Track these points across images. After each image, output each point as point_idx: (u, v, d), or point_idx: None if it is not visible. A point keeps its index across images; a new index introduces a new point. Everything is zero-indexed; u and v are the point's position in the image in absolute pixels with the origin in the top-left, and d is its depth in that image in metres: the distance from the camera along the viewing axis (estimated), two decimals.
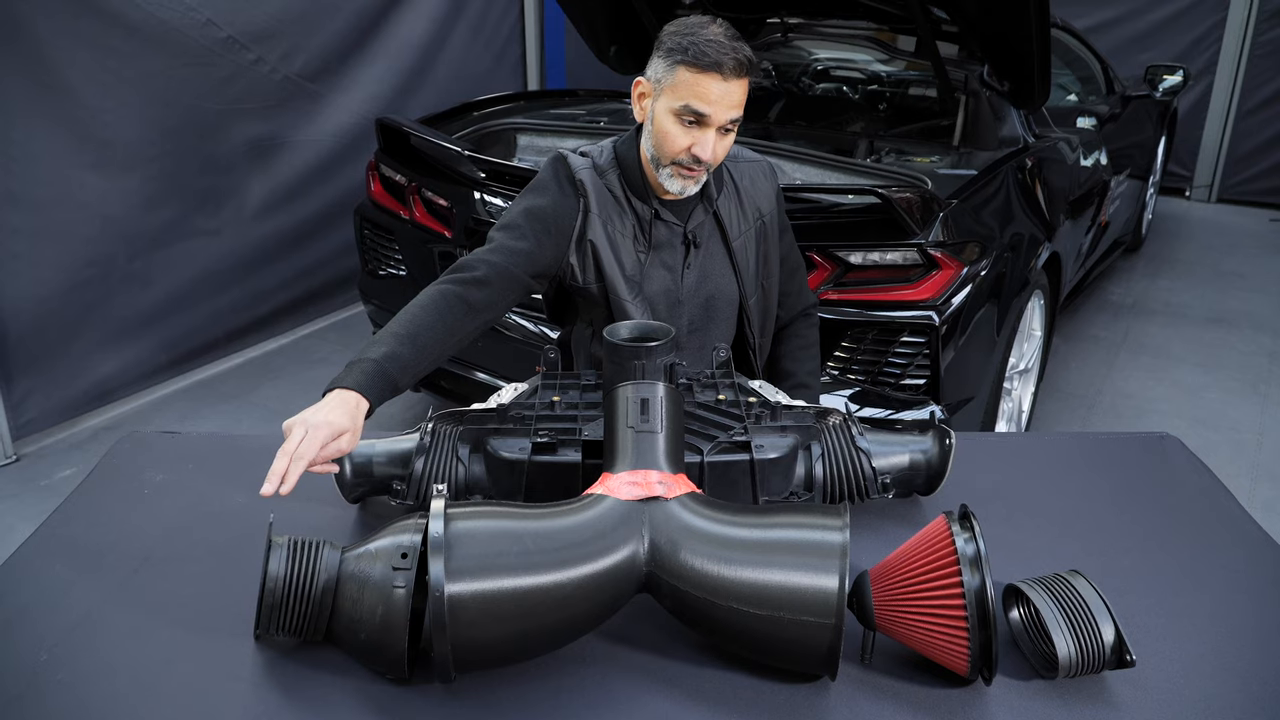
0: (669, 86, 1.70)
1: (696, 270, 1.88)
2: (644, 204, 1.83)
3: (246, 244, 4.04)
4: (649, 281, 1.86)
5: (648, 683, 1.18)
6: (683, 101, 1.68)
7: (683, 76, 1.68)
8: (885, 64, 4.07)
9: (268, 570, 1.16)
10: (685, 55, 1.67)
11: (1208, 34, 6.67)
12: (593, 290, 1.84)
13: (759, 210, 1.94)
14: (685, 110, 1.69)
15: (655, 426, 1.25)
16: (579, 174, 1.83)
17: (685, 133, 1.71)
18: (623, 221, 1.83)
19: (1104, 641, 1.13)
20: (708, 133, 1.71)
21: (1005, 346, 2.86)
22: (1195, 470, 1.69)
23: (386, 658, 1.14)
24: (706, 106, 1.68)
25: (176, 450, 1.73)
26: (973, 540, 1.11)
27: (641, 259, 1.85)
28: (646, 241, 1.85)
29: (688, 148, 1.72)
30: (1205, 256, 5.80)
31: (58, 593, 1.34)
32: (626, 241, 1.83)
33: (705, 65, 1.66)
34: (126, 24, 3.39)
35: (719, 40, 1.67)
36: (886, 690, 1.16)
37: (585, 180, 1.82)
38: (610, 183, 1.84)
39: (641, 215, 1.84)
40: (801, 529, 1.15)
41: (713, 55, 1.65)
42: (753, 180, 1.94)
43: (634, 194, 1.83)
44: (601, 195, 1.83)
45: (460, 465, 1.44)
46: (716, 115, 1.69)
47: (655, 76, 1.74)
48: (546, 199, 1.83)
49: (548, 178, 1.86)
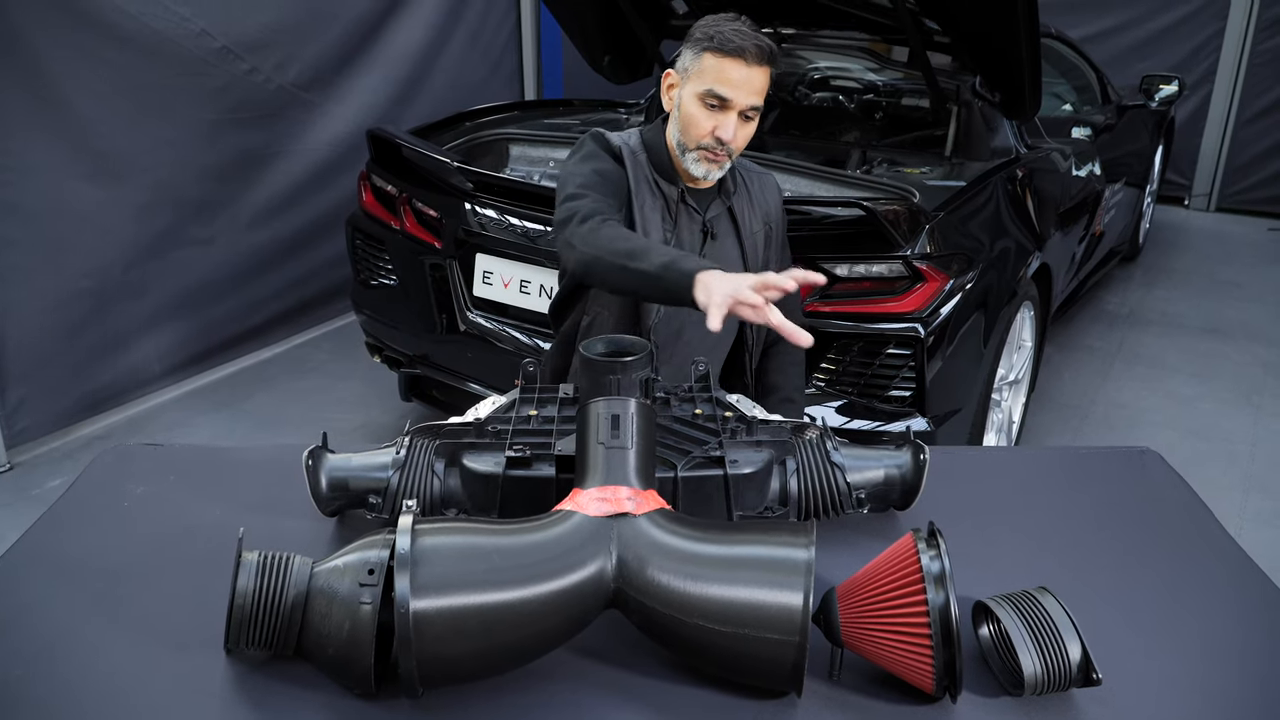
0: (695, 73, 1.85)
1: (710, 261, 1.91)
2: (671, 185, 1.94)
3: (240, 253, 4.05)
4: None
5: (616, 698, 1.18)
6: (707, 85, 1.82)
7: (708, 62, 1.82)
8: (878, 75, 4.08)
9: (237, 584, 1.16)
10: (711, 42, 1.82)
11: (1207, 43, 6.67)
12: None
13: (767, 216, 2.05)
14: (709, 94, 1.83)
15: (626, 442, 1.26)
16: (618, 146, 1.95)
17: (709, 116, 1.84)
18: (653, 200, 1.93)
19: (1070, 659, 1.13)
20: (730, 115, 1.84)
21: (993, 358, 2.86)
22: (1174, 485, 1.69)
23: (353, 673, 1.14)
24: (729, 90, 1.81)
25: (159, 462, 1.73)
26: (938, 558, 1.11)
27: (668, 238, 1.94)
28: (673, 221, 1.94)
29: (711, 130, 1.85)
30: (1202, 266, 5.79)
31: (34, 607, 1.34)
32: (656, 218, 1.93)
33: (729, 50, 1.80)
34: (121, 35, 3.41)
35: (743, 30, 1.82)
36: (853, 707, 1.16)
37: (624, 154, 1.94)
38: (640, 163, 1.94)
39: (669, 196, 1.94)
40: (767, 546, 1.15)
41: (736, 41, 1.80)
42: (762, 188, 2.07)
43: (661, 176, 1.94)
44: (637, 171, 1.94)
45: (435, 479, 1.44)
46: (738, 99, 1.82)
47: (683, 66, 1.88)
48: (606, 163, 1.93)
49: (596, 147, 1.96)
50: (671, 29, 3.86)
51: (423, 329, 3.16)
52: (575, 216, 1.82)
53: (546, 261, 2.84)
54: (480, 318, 3.02)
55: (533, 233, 2.85)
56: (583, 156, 1.96)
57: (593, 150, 1.96)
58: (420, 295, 3.12)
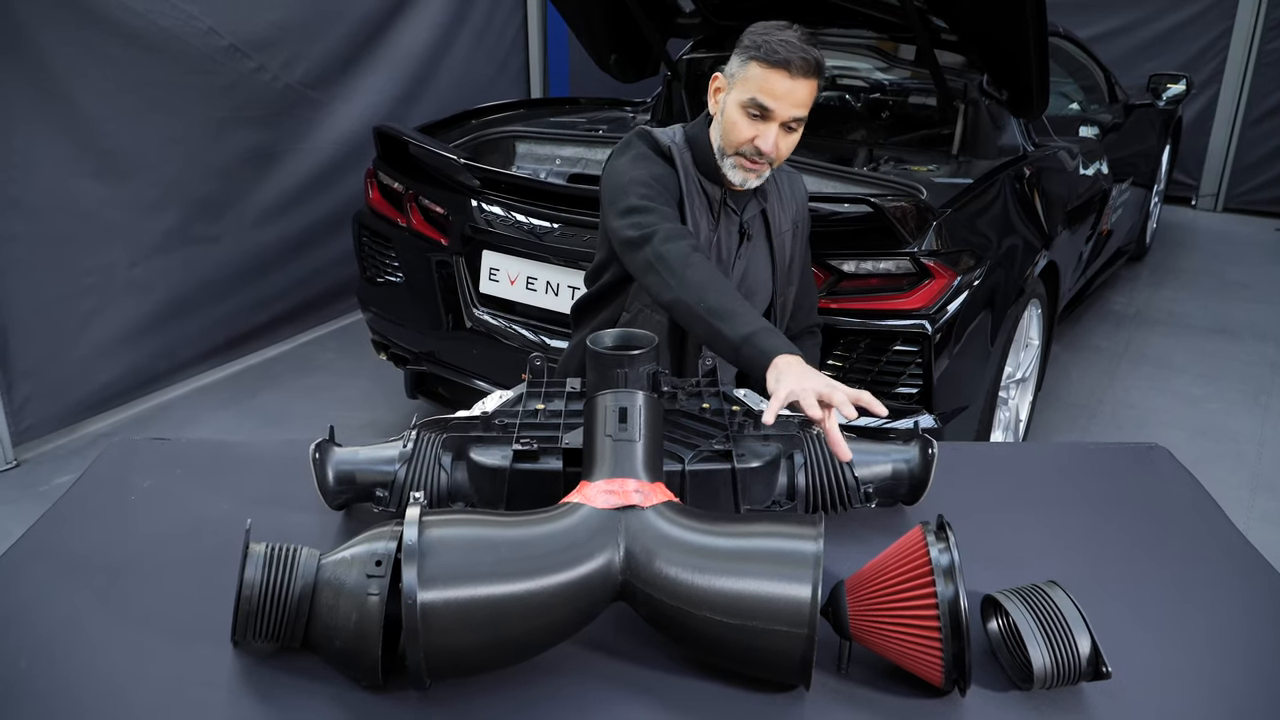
0: (740, 80, 1.83)
1: (744, 261, 1.99)
2: (715, 185, 1.94)
3: (247, 251, 4.06)
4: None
5: (624, 691, 1.17)
6: (750, 95, 1.81)
7: (753, 71, 1.81)
8: (885, 73, 4.07)
9: (244, 576, 1.16)
10: (758, 52, 1.80)
11: (1214, 43, 6.65)
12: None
13: (796, 215, 2.06)
14: (752, 103, 1.81)
15: (633, 435, 1.25)
16: (666, 145, 1.94)
17: (750, 124, 1.83)
18: (700, 199, 1.94)
19: (1079, 653, 1.12)
20: (771, 126, 1.82)
21: (1000, 355, 2.85)
22: (1183, 481, 1.69)
23: (361, 665, 1.14)
24: (772, 101, 1.80)
25: (165, 456, 1.73)
26: (948, 551, 1.11)
27: (713, 237, 1.95)
28: (715, 221, 1.95)
29: (751, 139, 1.83)
30: (1210, 266, 5.78)
31: (40, 600, 1.34)
32: (703, 218, 1.94)
33: (775, 62, 1.78)
34: (128, 32, 3.41)
35: (791, 41, 1.80)
36: (862, 700, 1.16)
37: (673, 153, 1.93)
38: (687, 161, 1.94)
39: (712, 195, 1.95)
40: (776, 538, 1.14)
41: (783, 53, 1.78)
42: (792, 187, 2.07)
43: (706, 175, 1.94)
44: (686, 170, 1.93)
45: (442, 473, 1.44)
46: (780, 110, 1.81)
47: (730, 71, 1.87)
48: (659, 166, 1.91)
49: (645, 148, 1.94)
50: (678, 28, 3.86)
51: (429, 326, 3.16)
52: (655, 235, 1.76)
53: (553, 258, 2.84)
54: (487, 315, 3.01)
55: (539, 230, 2.84)
56: (634, 158, 1.91)
57: (643, 152, 1.93)
58: (427, 292, 3.12)
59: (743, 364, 1.60)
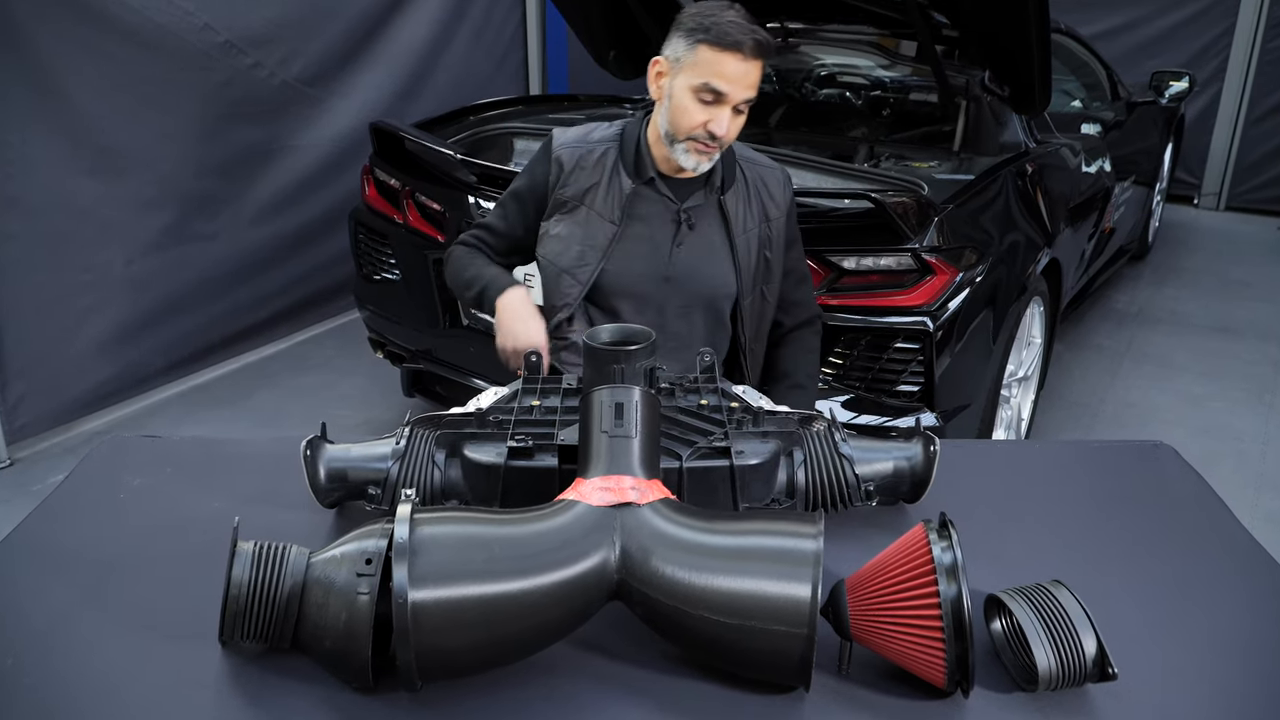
0: (689, 64, 1.79)
1: (689, 251, 1.93)
2: (632, 178, 1.92)
3: (243, 249, 4.04)
4: (622, 254, 1.93)
5: (619, 692, 1.15)
6: (703, 79, 1.77)
7: (704, 55, 1.77)
8: (887, 69, 4.05)
9: (231, 575, 1.14)
10: (707, 35, 1.76)
11: (1216, 41, 6.63)
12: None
13: (767, 213, 1.99)
14: (704, 88, 1.78)
15: (630, 431, 1.23)
16: (555, 153, 1.96)
17: (703, 109, 1.80)
18: (605, 196, 1.92)
19: (1085, 653, 1.10)
20: (724, 110, 1.80)
21: (1002, 353, 2.83)
22: (1189, 479, 1.66)
23: (351, 666, 1.11)
24: (725, 84, 1.77)
25: (156, 454, 1.71)
26: (950, 549, 1.08)
27: (611, 231, 1.92)
28: (621, 214, 1.92)
29: (704, 123, 1.80)
30: (1212, 265, 5.76)
31: (27, 597, 1.32)
32: (606, 213, 1.92)
33: (727, 44, 1.74)
34: (123, 29, 3.39)
35: (739, 22, 1.76)
36: (863, 702, 1.13)
37: (559, 160, 1.95)
38: (599, 157, 1.93)
39: (624, 189, 1.92)
40: (774, 536, 1.12)
41: (734, 35, 1.74)
42: (766, 183, 2.01)
43: (625, 167, 1.93)
44: (584, 171, 1.93)
45: (436, 470, 1.42)
46: (734, 94, 1.78)
47: (674, 55, 1.82)
48: (533, 177, 2.01)
49: (536, 156, 2.02)
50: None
51: (425, 324, 3.14)
52: (464, 232, 2.10)
53: None
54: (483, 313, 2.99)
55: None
56: (525, 167, 2.04)
57: (534, 160, 2.02)
58: (423, 290, 3.10)
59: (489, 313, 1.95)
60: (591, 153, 1.94)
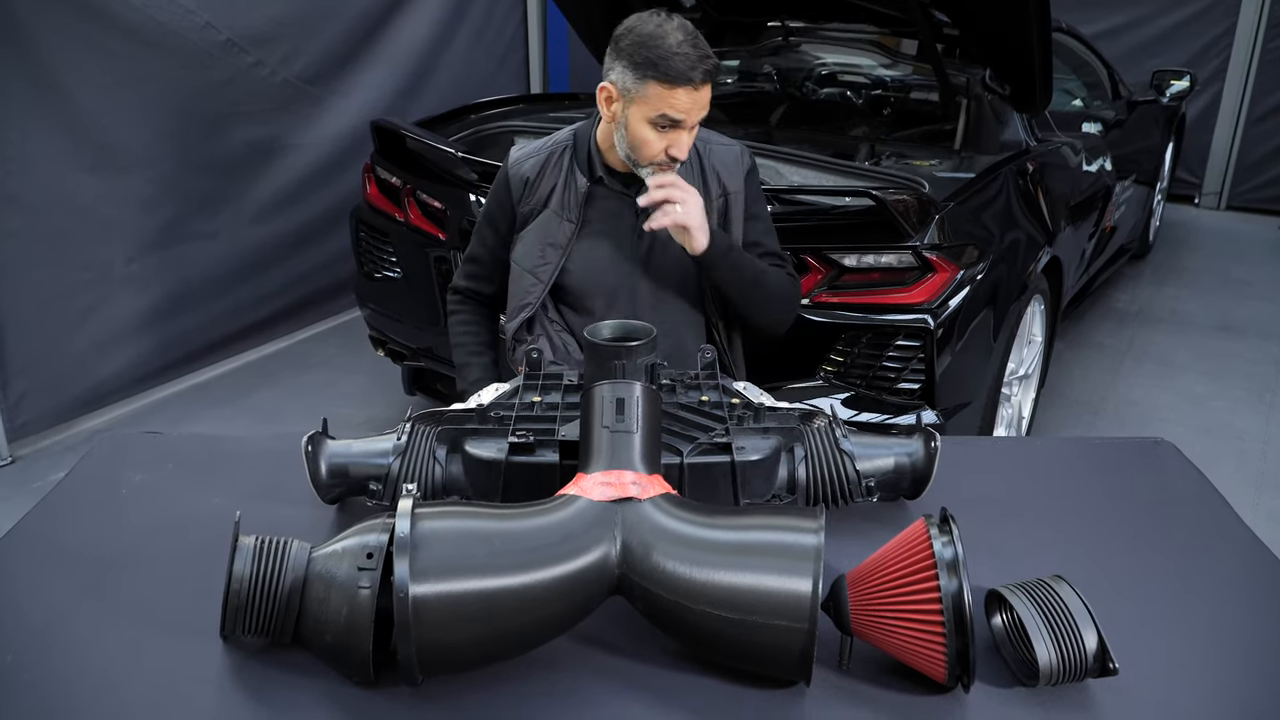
0: (640, 98, 1.80)
1: (650, 240, 1.96)
2: (585, 177, 1.95)
3: (244, 247, 4.03)
4: (585, 252, 1.96)
5: (620, 687, 1.15)
6: (658, 111, 1.79)
7: (654, 90, 1.78)
8: (887, 68, 4.05)
9: (232, 570, 1.14)
10: (655, 70, 1.76)
11: (1217, 40, 6.63)
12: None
13: (724, 187, 2.00)
14: (661, 119, 1.80)
15: (631, 426, 1.23)
16: (513, 171, 2.00)
17: (661, 137, 1.82)
18: (561, 199, 1.96)
19: (1086, 648, 1.10)
20: (682, 134, 1.82)
21: (1003, 351, 2.83)
22: (1189, 476, 1.66)
23: (352, 660, 1.11)
24: (680, 115, 1.79)
25: (157, 451, 1.71)
26: (951, 544, 1.08)
27: (570, 229, 1.95)
28: (579, 212, 1.95)
29: (664, 149, 1.83)
30: (1213, 264, 5.75)
31: (27, 593, 1.32)
32: (565, 216, 1.95)
33: (678, 81, 1.76)
34: (125, 26, 3.39)
35: (684, 52, 1.75)
36: (864, 697, 1.13)
37: (519, 174, 1.99)
38: (554, 161, 1.97)
39: (579, 187, 1.95)
40: (775, 531, 1.12)
41: (683, 70, 1.75)
42: (721, 160, 2.02)
43: (579, 168, 1.96)
44: (540, 176, 1.97)
45: (437, 465, 1.42)
46: (690, 118, 1.81)
47: (623, 85, 1.82)
48: (492, 202, 2.06)
49: (497, 180, 2.06)
50: None
51: (426, 322, 3.13)
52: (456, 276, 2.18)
53: None
54: None
55: None
56: (490, 191, 2.08)
57: (496, 183, 2.05)
58: (424, 288, 3.10)
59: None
60: (548, 160, 1.98)
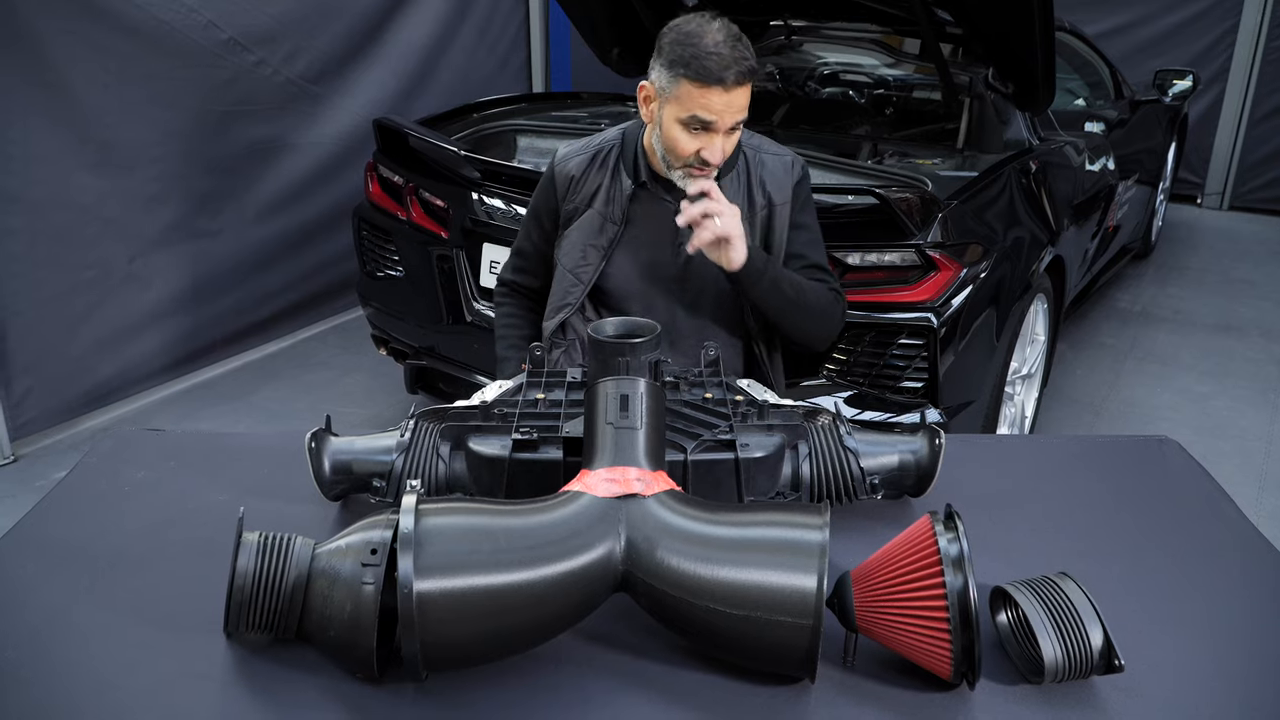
0: (673, 97, 1.77)
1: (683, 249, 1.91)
2: (630, 180, 1.93)
3: (247, 246, 4.03)
4: (625, 255, 1.94)
5: (625, 684, 1.15)
6: (689, 113, 1.76)
7: (685, 89, 1.74)
8: (890, 67, 4.04)
9: (236, 566, 1.14)
10: (688, 69, 1.72)
11: (1220, 40, 6.62)
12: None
13: (769, 198, 1.96)
14: (692, 120, 1.76)
15: (635, 423, 1.23)
16: (559, 167, 1.99)
17: (693, 139, 1.79)
18: (606, 199, 1.94)
19: (1091, 645, 1.10)
20: (715, 137, 1.78)
21: (1006, 350, 2.82)
22: (1194, 474, 1.66)
23: (356, 656, 1.11)
24: (712, 116, 1.75)
25: (159, 448, 1.71)
26: (956, 540, 1.08)
27: (612, 231, 1.93)
28: (623, 214, 1.93)
29: (696, 151, 1.79)
30: (1215, 264, 5.75)
31: (27, 590, 1.31)
32: (610, 215, 1.93)
33: (709, 81, 1.71)
34: (127, 25, 3.39)
35: (720, 52, 1.71)
36: (868, 693, 1.13)
37: (565, 172, 1.97)
38: (600, 161, 1.95)
39: (624, 189, 1.93)
40: (780, 528, 1.12)
41: (715, 70, 1.71)
42: (770, 170, 1.97)
43: (625, 170, 1.94)
44: (585, 175, 1.96)
45: (440, 462, 1.42)
46: (722, 122, 1.76)
47: (660, 84, 1.80)
48: (538, 198, 2.07)
49: (543, 177, 2.04)
50: None
51: (429, 320, 3.13)
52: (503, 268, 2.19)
53: None
54: (487, 308, 2.99)
55: None
56: (537, 186, 2.07)
57: (543, 178, 2.04)
58: (427, 286, 3.10)
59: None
60: (594, 159, 1.96)
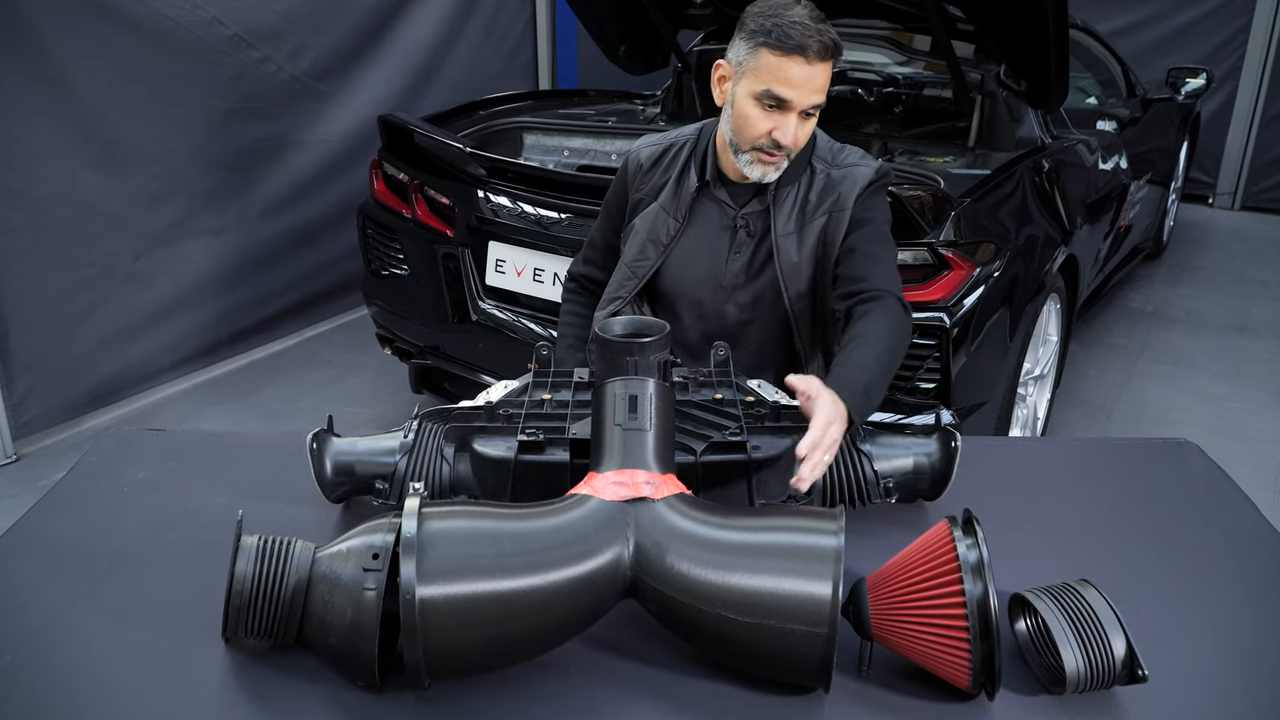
0: (750, 69, 1.67)
1: (746, 258, 1.83)
2: (696, 177, 1.83)
3: (251, 244, 4.01)
4: (681, 255, 1.86)
5: (633, 692, 1.12)
6: (764, 85, 1.66)
7: (765, 60, 1.65)
8: (901, 65, 4.00)
9: (235, 570, 1.11)
10: (769, 38, 1.64)
11: (1232, 39, 6.56)
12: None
13: (833, 205, 1.79)
14: (766, 95, 1.66)
15: (644, 424, 1.20)
16: (631, 155, 1.92)
17: (766, 117, 1.68)
18: (671, 197, 1.85)
19: (1114, 655, 1.06)
20: (789, 117, 1.67)
21: (1019, 351, 2.79)
22: (1214, 477, 1.63)
23: (357, 664, 1.08)
24: (789, 91, 1.65)
25: (160, 448, 1.69)
26: (976, 546, 1.05)
27: (674, 228, 1.85)
28: (686, 211, 1.84)
29: (768, 132, 1.69)
30: (1228, 264, 5.70)
31: (26, 592, 1.29)
32: (670, 215, 1.85)
33: (789, 48, 1.62)
34: (131, 21, 3.37)
35: (803, 22, 1.63)
36: (884, 704, 1.10)
37: (636, 160, 1.91)
38: (671, 154, 1.88)
39: (690, 185, 1.84)
40: (793, 533, 1.09)
41: (797, 38, 1.62)
42: (844, 179, 1.81)
43: (694, 166, 1.85)
44: (655, 166, 1.88)
45: (444, 464, 1.39)
46: (799, 100, 1.66)
47: (736, 59, 1.70)
48: (611, 192, 1.98)
49: (620, 168, 1.99)
50: (688, 19, 3.79)
51: (434, 319, 3.10)
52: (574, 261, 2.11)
53: (560, 249, 2.78)
54: (492, 307, 2.96)
55: (546, 220, 2.79)
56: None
57: (619, 170, 1.96)
58: (432, 285, 3.07)
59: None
60: (665, 152, 1.88)
